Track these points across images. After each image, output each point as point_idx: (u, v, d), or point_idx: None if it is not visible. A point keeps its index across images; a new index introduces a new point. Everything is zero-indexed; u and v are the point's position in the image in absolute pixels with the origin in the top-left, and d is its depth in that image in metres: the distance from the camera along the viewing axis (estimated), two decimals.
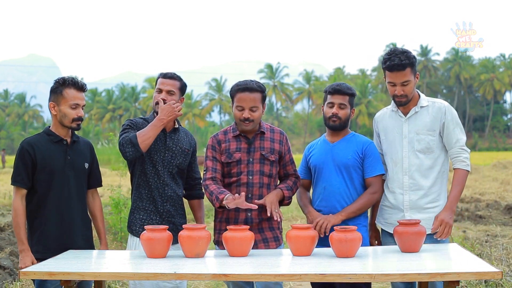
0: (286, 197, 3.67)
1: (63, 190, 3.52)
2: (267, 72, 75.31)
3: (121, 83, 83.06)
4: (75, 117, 3.54)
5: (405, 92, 3.59)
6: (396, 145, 3.70)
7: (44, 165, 3.49)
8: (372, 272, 2.80)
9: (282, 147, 3.72)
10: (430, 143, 3.63)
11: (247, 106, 3.59)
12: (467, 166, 3.62)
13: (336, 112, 3.71)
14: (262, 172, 3.64)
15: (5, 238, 7.84)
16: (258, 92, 3.61)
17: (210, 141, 3.75)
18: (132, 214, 3.81)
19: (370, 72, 79.10)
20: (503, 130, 74.90)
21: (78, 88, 3.55)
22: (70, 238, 3.54)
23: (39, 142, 3.53)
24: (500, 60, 76.59)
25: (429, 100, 3.70)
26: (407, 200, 3.63)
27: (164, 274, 2.86)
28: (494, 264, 5.99)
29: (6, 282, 5.67)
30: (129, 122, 3.81)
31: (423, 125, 3.65)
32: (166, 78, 3.80)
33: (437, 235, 3.51)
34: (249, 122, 3.61)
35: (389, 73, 3.59)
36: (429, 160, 3.63)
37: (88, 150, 3.73)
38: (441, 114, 3.63)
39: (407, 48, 4.39)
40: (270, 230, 3.66)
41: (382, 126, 3.82)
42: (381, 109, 3.93)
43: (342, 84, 3.75)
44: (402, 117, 3.71)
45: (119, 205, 7.92)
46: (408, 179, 3.64)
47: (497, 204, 12.43)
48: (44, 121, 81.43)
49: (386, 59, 3.60)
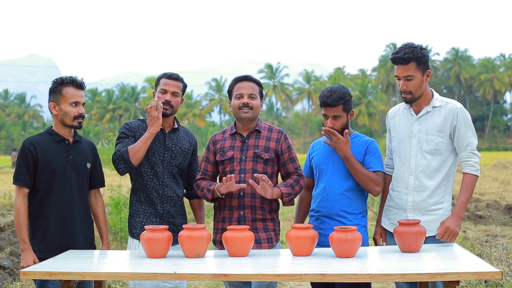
0: (283, 193, 3.59)
1: (64, 190, 3.53)
2: (267, 72, 75.31)
3: (121, 83, 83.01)
4: (76, 115, 3.55)
5: (408, 87, 3.53)
6: (405, 143, 3.64)
7: (46, 165, 3.50)
8: (372, 272, 2.80)
9: (278, 145, 3.71)
10: (438, 145, 3.56)
11: (246, 93, 3.67)
12: (477, 171, 3.54)
13: (332, 125, 3.64)
14: (255, 171, 3.63)
15: (5, 238, 7.84)
16: (256, 83, 3.74)
17: (209, 141, 3.82)
18: (132, 217, 3.81)
19: (370, 72, 79.11)
20: (503, 130, 74.91)
21: (76, 86, 3.58)
22: (72, 237, 3.55)
23: (41, 142, 3.55)
24: (500, 60, 76.60)
25: (443, 101, 3.61)
26: (411, 200, 3.59)
27: (164, 274, 2.86)
28: (494, 264, 5.99)
29: (6, 282, 5.67)
30: (124, 129, 3.79)
31: (433, 126, 3.57)
32: (171, 79, 3.80)
33: (438, 235, 3.48)
34: (248, 109, 3.64)
35: (395, 67, 3.57)
36: (436, 162, 3.56)
37: (90, 150, 3.74)
38: (453, 116, 3.55)
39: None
40: (265, 231, 3.65)
41: (393, 123, 3.76)
42: (395, 105, 3.86)
43: (333, 95, 3.60)
44: (413, 115, 3.63)
45: (119, 205, 7.92)
46: (413, 180, 3.59)
47: (497, 204, 12.42)
48: (44, 121, 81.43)
49: (393, 52, 3.57)
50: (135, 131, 3.77)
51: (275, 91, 74.03)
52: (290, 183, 3.68)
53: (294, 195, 3.66)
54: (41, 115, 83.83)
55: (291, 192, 3.64)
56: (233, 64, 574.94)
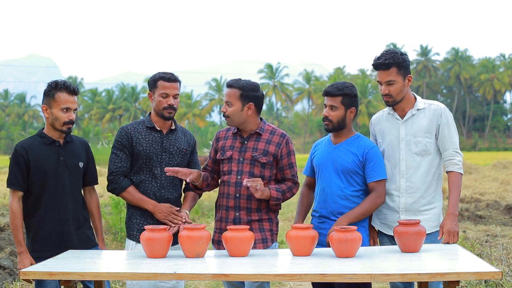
0: (272, 197, 3.58)
1: (57, 190, 3.57)
2: (267, 72, 75.30)
3: (121, 83, 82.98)
4: (66, 121, 3.58)
5: (390, 92, 3.63)
6: (393, 147, 3.71)
7: (38, 167, 3.55)
8: (372, 272, 2.80)
9: (278, 149, 3.67)
10: (427, 145, 3.64)
11: (225, 100, 3.68)
12: (461, 169, 3.62)
13: (327, 114, 3.67)
14: (251, 174, 3.63)
15: (5, 238, 7.83)
16: (235, 88, 3.65)
17: (214, 136, 3.87)
18: (130, 219, 3.81)
19: (370, 72, 79.04)
20: (503, 130, 74.88)
21: (69, 91, 3.60)
22: (66, 236, 3.59)
23: (32, 145, 3.59)
24: (500, 60, 76.58)
25: (426, 103, 3.72)
26: (403, 202, 3.65)
27: (164, 274, 2.86)
28: (494, 264, 5.99)
29: (6, 282, 5.68)
30: (120, 137, 3.77)
31: (420, 128, 3.65)
32: (171, 82, 3.76)
33: (444, 241, 3.50)
34: (226, 117, 3.68)
35: (377, 72, 3.67)
36: (426, 163, 3.64)
37: (83, 149, 3.76)
38: (437, 117, 3.63)
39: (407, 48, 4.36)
40: (260, 231, 3.64)
41: (378, 129, 3.83)
42: (378, 112, 3.94)
43: (334, 85, 3.70)
44: (398, 119, 3.71)
45: (119, 205, 7.93)
46: (405, 182, 3.65)
47: (497, 204, 12.42)
48: (44, 121, 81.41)
49: (375, 58, 3.67)
50: (131, 137, 3.76)
51: (275, 91, 74.04)
52: (283, 189, 3.67)
53: (282, 201, 3.68)
54: (41, 115, 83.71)
55: (280, 198, 3.63)
56: (233, 64, 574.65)
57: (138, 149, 3.74)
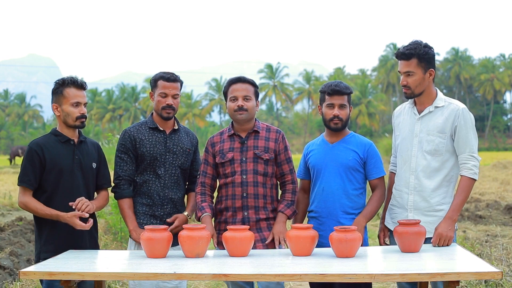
0: (290, 216, 3.72)
1: (71, 189, 3.56)
2: (267, 72, 75.26)
3: (121, 83, 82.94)
4: (78, 115, 3.58)
5: (408, 83, 3.53)
6: (406, 143, 3.64)
7: (53, 165, 3.53)
8: (372, 272, 2.80)
9: (277, 145, 3.72)
10: (439, 145, 3.53)
11: (240, 95, 3.66)
12: (474, 174, 3.47)
13: (338, 113, 3.68)
14: (256, 171, 3.65)
15: (5, 238, 7.83)
16: (250, 84, 3.71)
17: (207, 143, 3.82)
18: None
19: (370, 72, 79.06)
20: (503, 130, 74.85)
21: (77, 86, 3.60)
22: (79, 237, 3.57)
23: (47, 143, 3.58)
24: (500, 60, 76.54)
25: (446, 101, 3.59)
26: (411, 200, 3.58)
27: (164, 274, 2.86)
28: (494, 264, 5.99)
29: (6, 282, 5.67)
30: (124, 140, 3.79)
31: (434, 126, 3.55)
32: (170, 82, 3.77)
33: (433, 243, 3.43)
34: (243, 111, 3.64)
35: (398, 62, 3.59)
36: (436, 163, 3.54)
37: (95, 151, 3.77)
38: (455, 117, 3.51)
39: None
40: (269, 230, 3.66)
41: (398, 122, 3.77)
42: (402, 104, 3.85)
43: (340, 84, 3.72)
44: (416, 114, 3.63)
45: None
46: (414, 179, 3.57)
47: (497, 204, 12.42)
48: (44, 121, 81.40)
49: (399, 47, 3.59)
50: (134, 139, 3.78)
51: (275, 91, 74.01)
52: (290, 199, 3.74)
53: (296, 206, 3.79)
54: (41, 115, 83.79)
55: (294, 209, 3.74)
56: (233, 64, 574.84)
57: (142, 151, 3.75)
